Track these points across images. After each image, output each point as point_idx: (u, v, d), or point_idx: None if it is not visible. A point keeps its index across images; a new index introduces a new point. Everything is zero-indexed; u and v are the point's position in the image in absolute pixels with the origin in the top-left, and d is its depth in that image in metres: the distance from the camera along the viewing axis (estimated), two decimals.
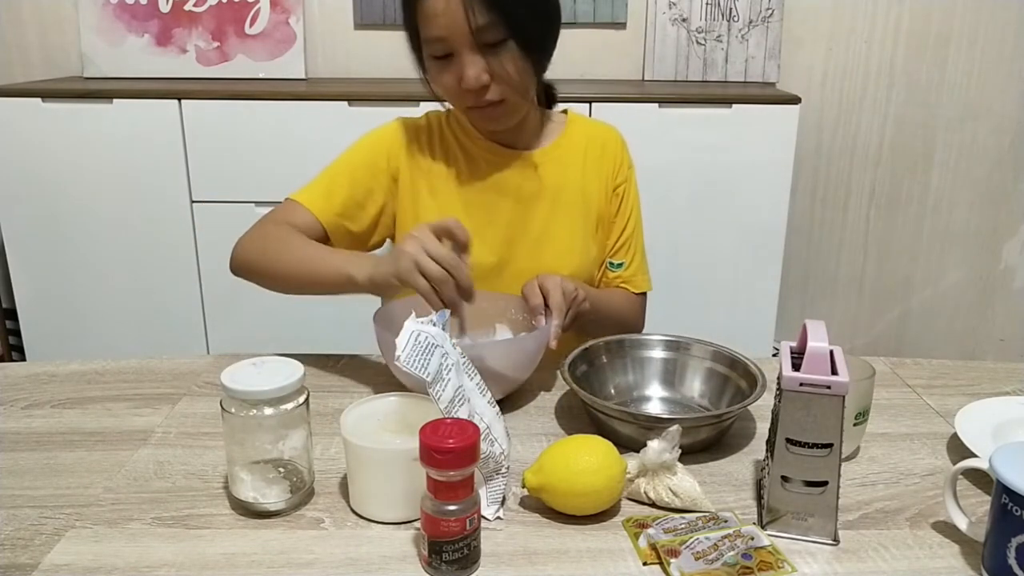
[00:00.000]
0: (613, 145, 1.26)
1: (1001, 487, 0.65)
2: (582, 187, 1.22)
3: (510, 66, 1.06)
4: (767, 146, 2.03)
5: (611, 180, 1.24)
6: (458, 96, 1.09)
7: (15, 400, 0.99)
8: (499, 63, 1.05)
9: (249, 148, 2.01)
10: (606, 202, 1.24)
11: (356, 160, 1.19)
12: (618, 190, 1.25)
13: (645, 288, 1.29)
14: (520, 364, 0.96)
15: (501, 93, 1.07)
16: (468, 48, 1.04)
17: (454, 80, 1.06)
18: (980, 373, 1.10)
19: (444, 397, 0.73)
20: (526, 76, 1.09)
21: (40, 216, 2.06)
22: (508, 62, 1.05)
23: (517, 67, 1.06)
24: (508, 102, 1.09)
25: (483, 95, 1.07)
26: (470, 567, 0.68)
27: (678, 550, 0.69)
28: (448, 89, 1.09)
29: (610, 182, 1.24)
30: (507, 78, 1.06)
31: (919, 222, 2.53)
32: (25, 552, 0.70)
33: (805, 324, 0.74)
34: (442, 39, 1.04)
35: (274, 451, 0.76)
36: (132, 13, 2.26)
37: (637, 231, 1.28)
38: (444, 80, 1.08)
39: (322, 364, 1.09)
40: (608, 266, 1.26)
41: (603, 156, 1.24)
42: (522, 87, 1.09)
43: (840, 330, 2.60)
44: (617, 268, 1.26)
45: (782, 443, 0.71)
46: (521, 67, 1.07)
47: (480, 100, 1.07)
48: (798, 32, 2.35)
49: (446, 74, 1.07)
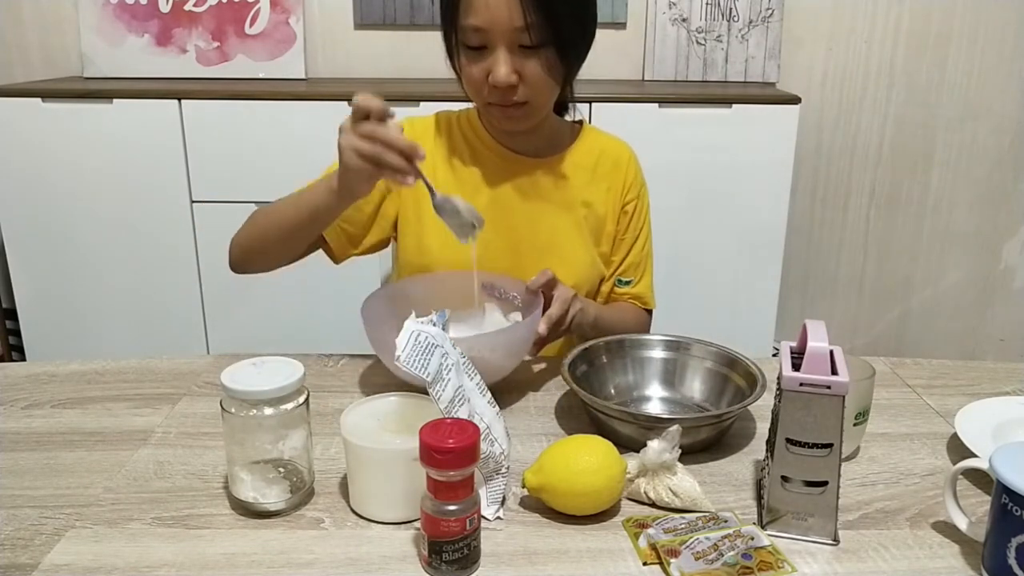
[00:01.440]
0: (625, 163, 1.24)
1: (1001, 487, 0.64)
2: (589, 201, 1.21)
3: (542, 72, 1.04)
4: (767, 146, 2.03)
5: (620, 198, 1.23)
6: (482, 90, 1.07)
7: (15, 400, 0.99)
8: (532, 66, 1.04)
9: (249, 148, 2.01)
10: (613, 219, 1.23)
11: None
12: (627, 207, 1.24)
13: (651, 306, 1.29)
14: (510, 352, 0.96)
15: (526, 96, 1.06)
16: (505, 45, 1.02)
17: (482, 74, 1.05)
18: (980, 373, 1.10)
19: (444, 397, 0.73)
20: (554, 84, 1.08)
21: (40, 216, 2.06)
22: (541, 67, 1.04)
23: (549, 74, 1.05)
24: (531, 105, 1.08)
25: (509, 95, 1.05)
26: (470, 567, 0.68)
27: (678, 550, 0.69)
28: (473, 81, 1.07)
29: (619, 200, 1.23)
30: (536, 83, 1.05)
31: (919, 222, 2.53)
32: (25, 552, 0.70)
33: (805, 324, 0.74)
34: (480, 30, 1.02)
35: (274, 451, 0.76)
36: (132, 13, 2.26)
37: (647, 250, 1.28)
38: (472, 72, 1.06)
39: (322, 364, 1.09)
40: (616, 283, 1.26)
41: (614, 173, 1.23)
42: (548, 94, 1.09)
43: (840, 330, 2.60)
44: (625, 285, 1.26)
45: (782, 443, 0.71)
46: (552, 74, 1.06)
47: (505, 99, 1.06)
48: (798, 32, 2.35)
49: (475, 66, 1.05)
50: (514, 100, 1.06)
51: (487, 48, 1.03)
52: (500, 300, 1.07)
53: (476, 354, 0.86)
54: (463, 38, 1.05)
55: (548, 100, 1.11)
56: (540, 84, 1.06)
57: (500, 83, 1.03)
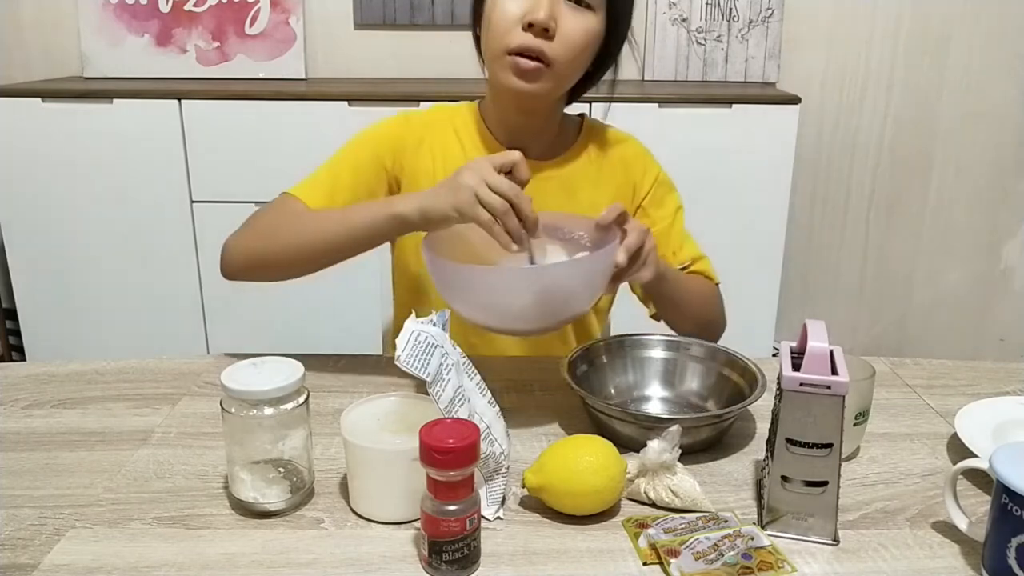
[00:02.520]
0: (634, 161, 1.17)
1: (1001, 487, 0.64)
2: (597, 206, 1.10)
3: (581, 33, 0.97)
4: (767, 146, 2.04)
5: (631, 198, 1.16)
6: (510, 31, 0.98)
7: (15, 400, 0.99)
8: (575, 24, 0.97)
9: (249, 148, 2.01)
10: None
11: (360, 157, 1.11)
12: (644, 203, 1.16)
13: (716, 279, 1.20)
14: (587, 283, 0.88)
15: (554, 55, 0.98)
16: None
17: (520, 12, 0.96)
18: (980, 373, 1.10)
19: (444, 397, 0.73)
20: (586, 58, 1.01)
21: (40, 216, 2.06)
22: (582, 28, 0.97)
23: (585, 38, 0.98)
24: (553, 71, 0.99)
25: (539, 41, 0.97)
26: (470, 567, 0.68)
27: (678, 550, 0.69)
28: (505, 17, 0.98)
29: (629, 200, 1.16)
30: (572, 43, 0.97)
31: (919, 222, 2.53)
32: (25, 552, 0.70)
33: (805, 324, 0.74)
34: None
35: (274, 451, 0.76)
36: (132, 13, 2.26)
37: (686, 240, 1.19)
38: (507, 8, 0.97)
39: (322, 364, 1.09)
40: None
41: (621, 173, 1.16)
42: (577, 64, 1.01)
43: (840, 330, 2.60)
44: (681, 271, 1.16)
45: (782, 443, 0.71)
46: (590, 45, 0.99)
47: (531, 47, 0.97)
48: (798, 32, 2.35)
49: (515, 3, 0.97)
50: (540, 52, 0.97)
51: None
52: (564, 241, 0.97)
53: (552, 283, 0.83)
54: None
55: (572, 73, 1.03)
56: (575, 47, 0.98)
57: (539, 21, 0.95)
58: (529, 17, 0.96)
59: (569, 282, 0.88)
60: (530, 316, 0.88)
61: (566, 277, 0.88)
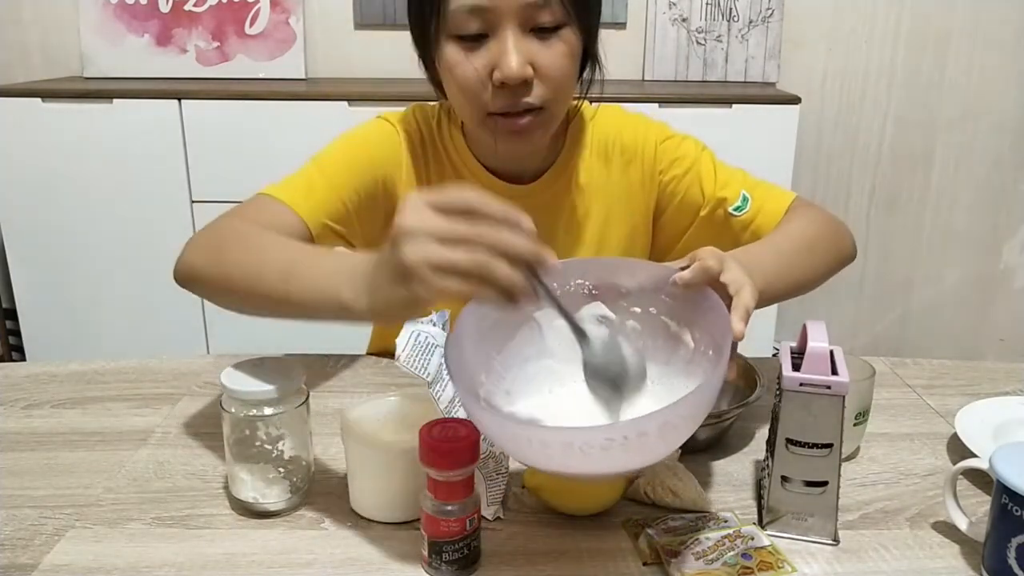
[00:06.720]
0: (634, 146, 1.02)
1: (1001, 487, 0.64)
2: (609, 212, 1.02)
3: (565, 61, 0.83)
4: (767, 146, 2.03)
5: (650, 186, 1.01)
6: (480, 95, 0.84)
7: (15, 400, 0.99)
8: (551, 56, 0.82)
9: (249, 148, 2.01)
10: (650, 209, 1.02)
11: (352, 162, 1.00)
12: (665, 179, 1.01)
13: (791, 195, 1.04)
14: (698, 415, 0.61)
15: (543, 98, 0.84)
16: (514, 26, 0.80)
17: (483, 71, 0.82)
18: (980, 373, 1.10)
19: (444, 397, 0.73)
20: (574, 80, 0.87)
21: (40, 216, 2.06)
22: (561, 56, 0.82)
23: (569, 65, 0.84)
24: (547, 112, 0.86)
25: (520, 95, 0.83)
26: (470, 567, 0.68)
27: (678, 550, 0.69)
28: (472, 83, 0.83)
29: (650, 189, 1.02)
30: (557, 77, 0.83)
31: (919, 222, 2.53)
32: (25, 552, 0.70)
33: (805, 324, 0.74)
34: (480, 9, 0.80)
35: (274, 451, 0.75)
36: (132, 13, 2.26)
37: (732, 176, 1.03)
38: (466, 71, 0.83)
39: (322, 364, 1.09)
40: (730, 215, 0.99)
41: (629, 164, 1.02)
42: (568, 92, 0.87)
43: (840, 330, 2.60)
44: (742, 211, 0.99)
45: (782, 443, 0.71)
46: (574, 65, 0.85)
47: (515, 103, 0.83)
48: (798, 32, 2.35)
49: (475, 60, 0.82)
50: (528, 104, 0.84)
51: (488, 35, 0.82)
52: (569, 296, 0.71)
53: (655, 429, 0.56)
54: (453, 26, 0.82)
55: (566, 103, 0.90)
56: (561, 79, 0.84)
57: (512, 77, 0.80)
58: (499, 76, 0.81)
59: (684, 422, 0.59)
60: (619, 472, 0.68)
61: (681, 416, 0.59)
